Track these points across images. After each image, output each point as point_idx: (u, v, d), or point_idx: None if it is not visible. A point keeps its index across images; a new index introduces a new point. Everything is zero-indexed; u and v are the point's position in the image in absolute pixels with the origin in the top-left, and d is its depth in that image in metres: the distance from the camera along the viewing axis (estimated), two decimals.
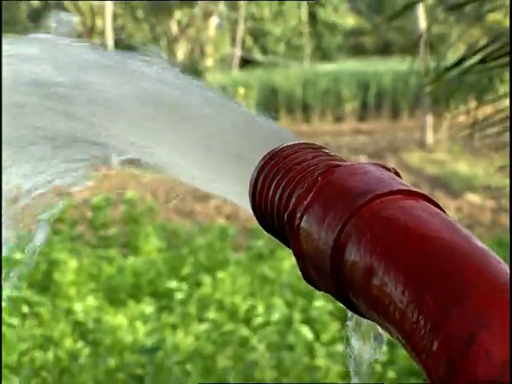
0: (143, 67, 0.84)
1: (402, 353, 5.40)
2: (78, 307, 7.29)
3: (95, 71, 0.86)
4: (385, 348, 0.73)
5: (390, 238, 0.59)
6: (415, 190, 0.62)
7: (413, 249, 0.58)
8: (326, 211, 0.63)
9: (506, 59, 2.93)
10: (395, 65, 25.50)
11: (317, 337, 6.54)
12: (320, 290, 0.66)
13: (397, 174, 0.65)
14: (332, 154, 0.70)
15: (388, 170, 0.65)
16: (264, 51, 36.90)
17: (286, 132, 0.77)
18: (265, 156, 0.71)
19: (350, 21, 42.18)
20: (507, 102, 3.26)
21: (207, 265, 8.69)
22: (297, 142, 0.72)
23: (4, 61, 0.87)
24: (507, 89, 3.38)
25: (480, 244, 0.59)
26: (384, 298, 0.58)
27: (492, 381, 0.52)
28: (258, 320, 6.84)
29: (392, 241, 0.59)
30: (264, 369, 5.78)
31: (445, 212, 0.62)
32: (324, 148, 0.71)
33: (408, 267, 0.57)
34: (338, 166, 0.66)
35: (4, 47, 0.87)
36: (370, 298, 0.60)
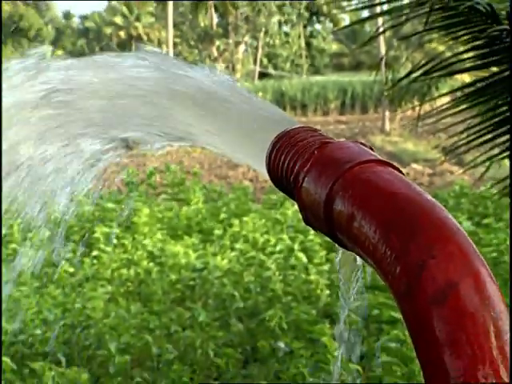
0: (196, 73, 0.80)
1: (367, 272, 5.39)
2: (150, 240, 7.33)
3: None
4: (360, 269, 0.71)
5: (366, 193, 0.58)
6: (384, 160, 0.61)
7: (382, 201, 0.57)
8: (320, 175, 0.61)
9: (439, 73, 2.90)
10: (364, 77, 25.47)
11: (310, 260, 6.54)
12: (316, 230, 0.65)
13: (371, 149, 0.64)
14: (324, 134, 0.69)
15: (365, 145, 0.64)
16: (275, 68, 36.84)
17: (293, 120, 0.75)
18: (277, 135, 0.70)
19: (333, 47, 42.05)
20: (438, 101, 3.21)
21: (236, 212, 8.71)
22: (299, 126, 0.70)
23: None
24: (440, 92, 3.35)
25: (429, 197, 0.57)
26: (361, 236, 0.57)
27: (436, 296, 0.50)
28: (271, 249, 6.85)
29: (367, 195, 0.58)
30: (275, 282, 5.79)
31: (404, 175, 0.61)
32: (319, 130, 0.70)
33: (378, 214, 0.56)
34: (329, 142, 0.65)
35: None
36: (352, 236, 0.58)
